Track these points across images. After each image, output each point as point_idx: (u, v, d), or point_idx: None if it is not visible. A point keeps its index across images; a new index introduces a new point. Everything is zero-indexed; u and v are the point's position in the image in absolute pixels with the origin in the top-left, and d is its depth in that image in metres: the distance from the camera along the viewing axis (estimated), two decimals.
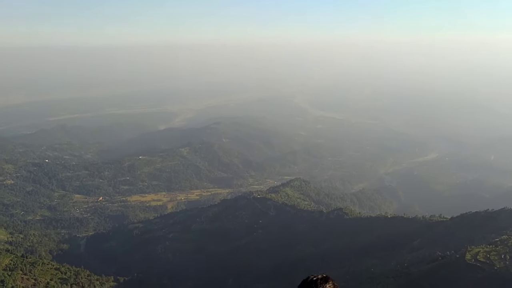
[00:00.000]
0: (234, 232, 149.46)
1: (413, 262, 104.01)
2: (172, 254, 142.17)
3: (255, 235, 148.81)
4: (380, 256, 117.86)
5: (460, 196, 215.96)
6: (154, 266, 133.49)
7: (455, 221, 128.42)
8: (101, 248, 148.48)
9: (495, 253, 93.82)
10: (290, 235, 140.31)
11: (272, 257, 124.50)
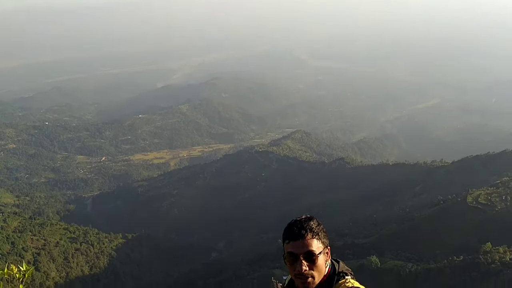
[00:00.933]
0: (237, 186, 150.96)
1: (415, 207, 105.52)
2: (178, 210, 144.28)
3: (258, 188, 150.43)
4: (383, 203, 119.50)
5: (461, 140, 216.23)
6: (161, 222, 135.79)
7: (456, 166, 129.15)
8: (108, 207, 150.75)
9: (496, 195, 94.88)
10: (293, 187, 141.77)
11: (276, 209, 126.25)
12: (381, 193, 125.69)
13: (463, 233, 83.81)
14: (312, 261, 2.27)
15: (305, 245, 2.27)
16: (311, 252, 2.27)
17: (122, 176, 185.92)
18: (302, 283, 2.26)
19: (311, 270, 2.27)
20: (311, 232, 2.30)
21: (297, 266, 2.26)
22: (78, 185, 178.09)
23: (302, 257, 2.26)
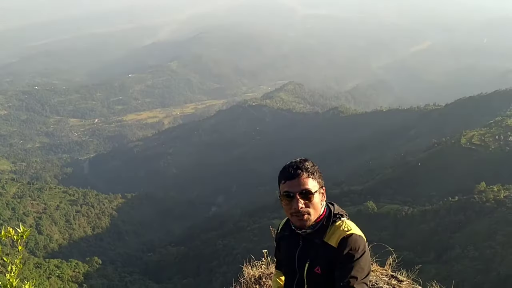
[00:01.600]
0: (233, 142, 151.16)
1: (409, 151, 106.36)
2: (175, 167, 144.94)
3: (253, 142, 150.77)
4: (378, 149, 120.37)
5: (454, 83, 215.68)
6: (159, 181, 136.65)
7: (449, 108, 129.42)
8: (105, 169, 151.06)
9: (489, 135, 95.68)
10: (288, 139, 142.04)
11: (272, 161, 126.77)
12: (375, 140, 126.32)
13: (458, 174, 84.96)
14: (308, 199, 2.32)
15: (301, 184, 2.31)
16: (307, 190, 2.31)
17: (117, 137, 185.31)
18: (299, 220, 2.32)
19: (307, 207, 2.32)
20: (307, 172, 2.35)
21: (293, 205, 2.30)
22: (73, 148, 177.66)
23: (298, 195, 2.31)
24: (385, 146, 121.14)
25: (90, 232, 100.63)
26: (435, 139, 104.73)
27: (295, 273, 2.51)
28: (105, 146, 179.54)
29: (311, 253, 2.46)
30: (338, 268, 2.42)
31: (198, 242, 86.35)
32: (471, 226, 67.23)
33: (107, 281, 70.19)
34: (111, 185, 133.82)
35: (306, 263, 2.45)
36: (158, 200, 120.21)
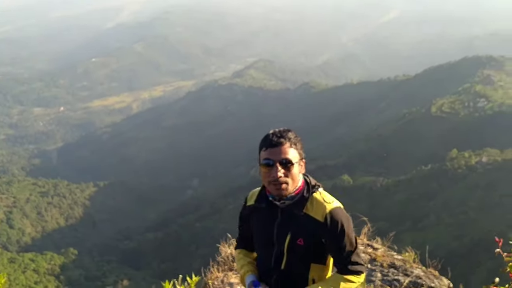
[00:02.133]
0: (204, 123, 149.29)
1: (381, 123, 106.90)
2: (147, 153, 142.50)
3: (225, 122, 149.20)
4: (350, 123, 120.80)
5: (423, 52, 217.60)
6: (131, 167, 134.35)
7: (418, 78, 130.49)
8: (74, 158, 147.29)
9: (459, 102, 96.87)
10: (260, 117, 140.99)
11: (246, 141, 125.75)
12: (348, 114, 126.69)
13: (430, 143, 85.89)
14: (288, 168, 2.22)
15: (282, 152, 2.23)
16: (287, 159, 2.23)
17: (84, 125, 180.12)
18: (276, 189, 2.22)
19: (286, 177, 2.23)
20: (289, 141, 2.28)
21: (273, 173, 2.21)
22: (39, 139, 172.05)
23: (279, 164, 2.23)
24: (357, 119, 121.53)
25: (63, 223, 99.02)
26: (406, 109, 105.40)
27: (273, 246, 2.47)
28: (73, 134, 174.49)
29: (292, 225, 2.42)
30: (331, 244, 2.46)
31: (175, 226, 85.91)
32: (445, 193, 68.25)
33: (84, 271, 69.60)
34: (82, 174, 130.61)
35: (288, 235, 2.41)
36: (131, 186, 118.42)
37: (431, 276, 4.64)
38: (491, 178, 65.47)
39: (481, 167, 70.90)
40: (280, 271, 2.46)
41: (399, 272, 4.70)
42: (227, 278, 4.76)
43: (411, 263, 4.94)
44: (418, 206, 66.98)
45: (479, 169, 70.29)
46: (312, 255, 2.44)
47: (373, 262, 4.86)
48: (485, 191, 62.69)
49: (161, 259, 75.40)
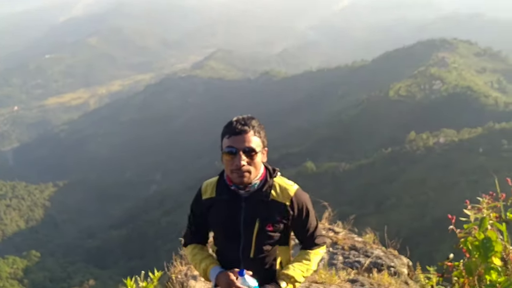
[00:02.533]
0: (165, 116, 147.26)
1: (342, 109, 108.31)
2: (107, 149, 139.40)
3: (187, 114, 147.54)
4: (312, 110, 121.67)
5: (379, 37, 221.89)
6: (92, 164, 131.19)
7: (376, 63, 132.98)
8: (31, 158, 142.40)
9: (415, 85, 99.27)
10: (222, 108, 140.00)
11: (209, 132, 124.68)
12: (308, 101, 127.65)
13: (389, 126, 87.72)
14: (251, 157, 2.19)
15: (246, 141, 2.20)
16: (251, 148, 2.20)
17: (40, 124, 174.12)
18: (239, 177, 2.19)
19: (249, 165, 2.20)
20: (253, 129, 2.24)
21: (236, 161, 2.17)
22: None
23: (242, 152, 2.19)
24: (318, 106, 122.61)
25: (23, 225, 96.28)
26: (365, 94, 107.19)
27: (239, 237, 2.43)
28: (29, 134, 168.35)
29: (259, 212, 2.40)
30: (298, 224, 2.50)
31: (140, 222, 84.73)
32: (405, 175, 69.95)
33: (48, 273, 68.23)
34: (41, 175, 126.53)
35: (256, 223, 2.40)
36: (92, 184, 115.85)
37: (391, 256, 4.77)
38: (448, 158, 67.61)
39: (438, 147, 73.11)
40: (249, 260, 2.43)
41: (360, 254, 4.79)
42: (191, 271, 4.70)
43: (371, 244, 5.04)
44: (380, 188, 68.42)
45: (437, 150, 72.46)
46: (279, 239, 2.46)
47: (335, 245, 4.94)
48: (444, 171, 64.67)
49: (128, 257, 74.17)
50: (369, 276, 4.41)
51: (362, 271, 4.51)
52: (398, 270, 4.56)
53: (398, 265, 4.63)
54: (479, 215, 2.44)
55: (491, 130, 71.03)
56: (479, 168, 58.02)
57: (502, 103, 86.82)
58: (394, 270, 4.55)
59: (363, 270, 4.53)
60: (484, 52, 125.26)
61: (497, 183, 2.67)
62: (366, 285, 4.21)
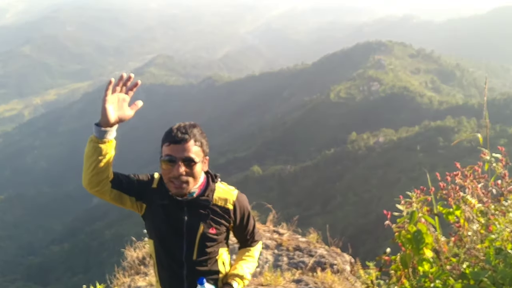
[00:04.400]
0: None
1: (285, 112, 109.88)
2: (45, 161, 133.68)
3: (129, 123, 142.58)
4: (256, 114, 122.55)
5: (318, 40, 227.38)
6: (29, 177, 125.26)
7: (316, 66, 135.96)
8: None
9: (354, 87, 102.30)
10: (164, 114, 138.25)
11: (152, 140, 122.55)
12: (252, 105, 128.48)
13: (331, 127, 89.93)
14: (190, 167, 2.15)
15: (185, 150, 2.15)
16: (190, 158, 2.16)
17: None
18: (175, 187, 2.16)
19: (188, 176, 2.17)
20: (194, 138, 2.19)
21: (174, 170, 2.14)
22: None
23: (181, 162, 2.16)
24: (262, 110, 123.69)
25: None
26: (307, 97, 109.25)
27: (182, 241, 2.40)
28: None
29: (203, 217, 2.39)
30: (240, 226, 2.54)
31: (83, 235, 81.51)
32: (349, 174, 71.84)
33: None
34: None
35: (199, 227, 2.38)
36: (30, 198, 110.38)
37: (334, 254, 4.91)
38: (389, 156, 70.18)
39: (379, 147, 75.76)
40: (191, 262, 2.40)
41: (304, 254, 4.88)
42: (134, 282, 4.66)
43: (315, 244, 5.15)
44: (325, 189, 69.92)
45: (377, 149, 75.03)
46: (221, 241, 2.47)
47: (279, 247, 5.01)
48: (385, 169, 67.05)
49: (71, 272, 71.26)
50: (313, 275, 4.50)
51: (307, 271, 4.61)
52: (341, 268, 4.68)
53: (341, 262, 4.74)
54: (410, 209, 2.52)
55: (427, 128, 74.17)
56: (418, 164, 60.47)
57: (436, 102, 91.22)
58: (337, 268, 4.65)
59: (308, 269, 4.62)
60: (418, 53, 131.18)
61: (429, 178, 2.81)
62: (311, 284, 4.29)
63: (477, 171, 2.64)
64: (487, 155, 2.61)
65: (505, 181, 2.55)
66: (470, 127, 69.00)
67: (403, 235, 2.51)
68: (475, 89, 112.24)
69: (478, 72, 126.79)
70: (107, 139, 2.26)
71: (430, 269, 2.43)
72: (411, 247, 2.48)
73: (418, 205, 2.53)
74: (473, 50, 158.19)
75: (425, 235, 2.41)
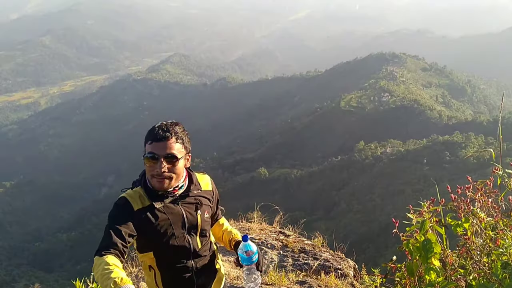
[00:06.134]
0: (119, 118, 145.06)
1: (295, 117, 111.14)
2: (58, 150, 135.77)
3: (142, 117, 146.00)
4: (266, 117, 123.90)
5: (332, 48, 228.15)
6: (41, 165, 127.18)
7: (329, 73, 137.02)
8: None
9: (365, 97, 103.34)
10: (178, 112, 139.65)
11: None
12: (263, 108, 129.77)
13: (340, 135, 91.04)
14: (173, 163, 2.29)
15: (167, 147, 2.29)
16: (173, 154, 2.29)
17: None
18: (158, 182, 2.29)
19: (170, 172, 2.30)
20: (175, 136, 2.32)
21: (157, 167, 2.26)
22: None
23: (163, 159, 2.28)
24: (272, 113, 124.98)
25: None
26: (317, 103, 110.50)
27: (186, 234, 2.46)
28: None
29: (197, 205, 2.50)
30: (216, 203, 2.70)
31: (90, 225, 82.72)
32: (354, 182, 72.87)
33: None
34: None
35: (197, 215, 2.49)
36: (41, 186, 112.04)
37: (338, 259, 4.95)
38: (394, 167, 71.10)
39: (385, 157, 76.69)
40: (197, 251, 2.53)
41: (309, 257, 4.92)
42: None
43: (320, 247, 5.21)
44: (330, 195, 71.05)
45: (384, 159, 75.97)
46: (211, 220, 2.67)
47: (285, 248, 5.04)
48: (390, 179, 67.97)
49: (75, 260, 72.72)
50: (317, 278, 4.58)
51: (311, 273, 4.66)
52: (345, 272, 4.73)
53: (345, 267, 4.77)
54: (420, 219, 2.57)
55: (434, 142, 74.72)
56: (423, 177, 61.38)
57: (445, 117, 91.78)
58: (341, 273, 4.70)
59: (312, 272, 4.68)
60: (431, 67, 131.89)
61: (438, 190, 2.96)
62: (314, 286, 4.37)
63: (489, 185, 2.64)
64: (500, 170, 2.59)
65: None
66: (478, 144, 69.51)
67: (412, 244, 2.55)
68: (485, 106, 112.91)
69: (488, 90, 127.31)
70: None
71: (437, 279, 2.48)
72: (419, 255, 2.51)
73: (428, 215, 2.57)
74: (485, 68, 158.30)
75: (434, 244, 2.44)
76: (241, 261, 2.50)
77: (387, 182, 68.14)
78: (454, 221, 2.60)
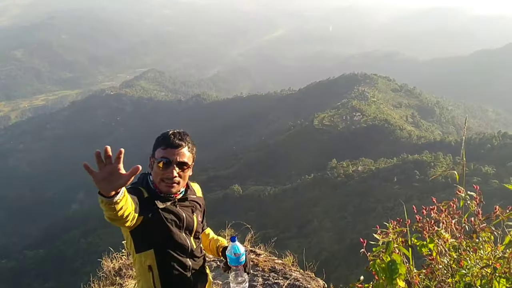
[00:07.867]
0: (91, 134, 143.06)
1: (269, 135, 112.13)
2: (28, 165, 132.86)
3: (115, 133, 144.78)
4: (240, 134, 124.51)
5: (306, 68, 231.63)
6: (10, 181, 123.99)
7: (302, 92, 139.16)
8: None
9: (337, 116, 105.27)
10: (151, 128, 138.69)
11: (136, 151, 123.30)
12: (238, 125, 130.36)
13: (313, 153, 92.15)
14: (183, 170, 2.45)
15: (181, 155, 2.44)
16: (185, 162, 2.45)
17: None
18: (167, 186, 2.43)
19: (180, 178, 2.44)
20: (188, 145, 2.48)
21: (168, 172, 2.40)
22: None
23: (176, 165, 2.42)
24: (247, 131, 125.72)
25: None
26: (291, 122, 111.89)
27: (184, 234, 2.59)
28: None
29: (193, 209, 2.65)
30: (204, 210, 2.80)
31: (59, 242, 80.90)
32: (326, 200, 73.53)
33: None
34: None
35: (194, 217, 2.63)
36: (9, 201, 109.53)
37: (308, 278, 4.92)
38: (366, 185, 72.29)
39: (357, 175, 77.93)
40: (192, 252, 2.62)
41: (279, 276, 4.91)
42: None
43: (290, 266, 5.20)
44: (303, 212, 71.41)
45: (356, 177, 77.19)
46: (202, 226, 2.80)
47: (255, 267, 5.04)
48: (361, 197, 68.99)
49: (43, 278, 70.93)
50: None
51: None
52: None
53: (315, 287, 4.74)
54: (386, 239, 2.60)
55: (404, 161, 76.40)
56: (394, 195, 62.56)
57: (415, 137, 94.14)
58: None
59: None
60: (401, 88, 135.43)
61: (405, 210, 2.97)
62: None
63: (452, 207, 2.70)
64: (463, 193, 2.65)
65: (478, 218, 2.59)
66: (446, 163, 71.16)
67: (378, 264, 2.57)
68: (453, 126, 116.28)
69: (456, 111, 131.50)
70: (117, 200, 2.12)
71: None
72: (385, 276, 2.54)
73: (394, 236, 2.60)
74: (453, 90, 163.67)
75: (399, 265, 2.49)
76: (229, 262, 2.62)
77: (358, 200, 69.07)
78: (419, 241, 2.67)
